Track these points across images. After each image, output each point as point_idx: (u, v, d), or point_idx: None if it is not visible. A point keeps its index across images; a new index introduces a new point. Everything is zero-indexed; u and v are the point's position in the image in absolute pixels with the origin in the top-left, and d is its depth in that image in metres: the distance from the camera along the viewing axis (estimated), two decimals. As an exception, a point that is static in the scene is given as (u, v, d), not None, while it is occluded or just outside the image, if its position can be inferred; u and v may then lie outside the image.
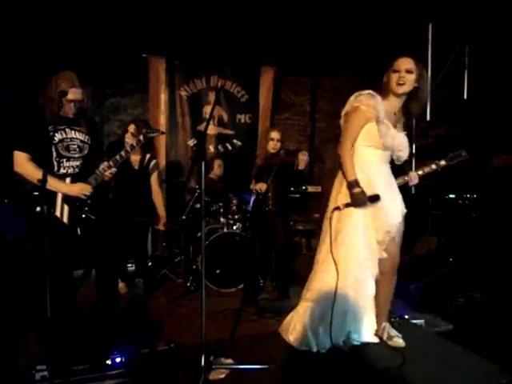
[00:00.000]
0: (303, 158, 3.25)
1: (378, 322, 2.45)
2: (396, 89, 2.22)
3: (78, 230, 2.46)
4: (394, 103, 2.31)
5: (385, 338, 2.37)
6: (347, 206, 2.26)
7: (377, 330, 2.45)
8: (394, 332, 2.40)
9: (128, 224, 3.60)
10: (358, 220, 2.26)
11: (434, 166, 2.63)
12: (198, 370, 1.97)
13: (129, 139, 3.53)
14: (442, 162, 2.65)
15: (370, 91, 2.23)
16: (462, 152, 2.66)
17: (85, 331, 2.67)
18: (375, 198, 2.19)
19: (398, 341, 2.34)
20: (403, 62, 2.20)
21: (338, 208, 2.28)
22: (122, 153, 2.53)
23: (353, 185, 2.21)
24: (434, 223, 4.14)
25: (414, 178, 2.58)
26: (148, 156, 3.69)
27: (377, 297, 2.41)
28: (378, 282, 2.37)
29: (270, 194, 3.46)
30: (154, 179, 3.74)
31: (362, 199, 2.19)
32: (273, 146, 3.47)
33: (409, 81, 2.20)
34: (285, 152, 3.63)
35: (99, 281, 2.59)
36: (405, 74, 2.19)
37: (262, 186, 3.41)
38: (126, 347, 2.31)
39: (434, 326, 2.89)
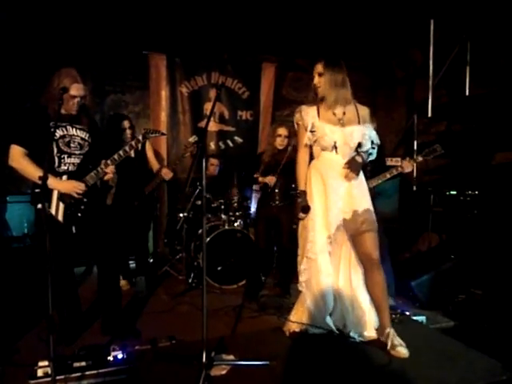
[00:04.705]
0: None
1: (380, 322, 2.40)
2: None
3: (73, 228, 2.46)
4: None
5: (388, 346, 2.28)
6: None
7: (379, 331, 2.41)
8: (397, 341, 2.29)
9: (132, 213, 3.60)
10: (312, 218, 2.43)
11: (412, 162, 2.91)
12: (199, 366, 1.97)
13: (128, 135, 3.56)
14: (419, 158, 2.90)
15: (301, 106, 2.49)
16: (437, 147, 2.88)
17: (87, 328, 2.69)
18: (305, 209, 2.42)
19: (402, 351, 2.24)
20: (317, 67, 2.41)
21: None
22: (121, 152, 2.53)
23: (299, 194, 2.46)
24: (436, 220, 4.14)
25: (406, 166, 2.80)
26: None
27: (370, 295, 2.42)
28: (365, 281, 2.44)
29: (276, 190, 3.47)
30: (149, 151, 3.76)
31: (298, 209, 2.44)
32: (280, 143, 3.47)
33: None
34: (293, 148, 3.62)
35: (101, 278, 2.60)
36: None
37: (271, 179, 3.42)
38: (128, 343, 2.32)
39: (435, 322, 2.90)
